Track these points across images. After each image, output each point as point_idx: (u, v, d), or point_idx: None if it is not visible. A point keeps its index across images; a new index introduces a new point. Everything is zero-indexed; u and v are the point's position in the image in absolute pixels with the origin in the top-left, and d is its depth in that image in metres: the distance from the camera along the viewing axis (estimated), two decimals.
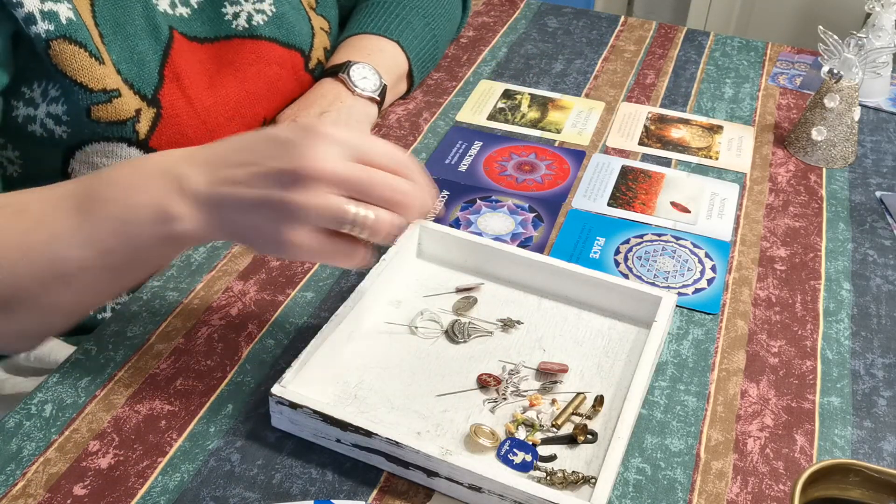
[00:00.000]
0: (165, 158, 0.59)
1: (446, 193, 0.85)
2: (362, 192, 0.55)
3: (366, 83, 0.90)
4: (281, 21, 0.87)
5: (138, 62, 0.74)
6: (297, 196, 0.54)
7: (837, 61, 0.90)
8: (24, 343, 0.68)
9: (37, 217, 0.59)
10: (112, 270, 0.59)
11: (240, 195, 0.55)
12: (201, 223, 0.56)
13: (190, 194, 0.56)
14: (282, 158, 0.54)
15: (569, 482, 0.56)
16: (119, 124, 0.74)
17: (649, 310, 0.68)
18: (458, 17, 1.08)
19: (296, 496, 0.57)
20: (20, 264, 0.58)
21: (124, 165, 0.60)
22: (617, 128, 0.97)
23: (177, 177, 0.56)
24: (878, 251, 0.81)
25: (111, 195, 0.58)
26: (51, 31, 0.68)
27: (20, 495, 0.56)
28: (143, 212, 0.57)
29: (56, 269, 0.58)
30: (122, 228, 0.57)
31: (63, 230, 0.58)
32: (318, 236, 0.55)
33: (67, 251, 0.58)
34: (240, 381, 0.65)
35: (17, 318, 0.61)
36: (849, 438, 0.62)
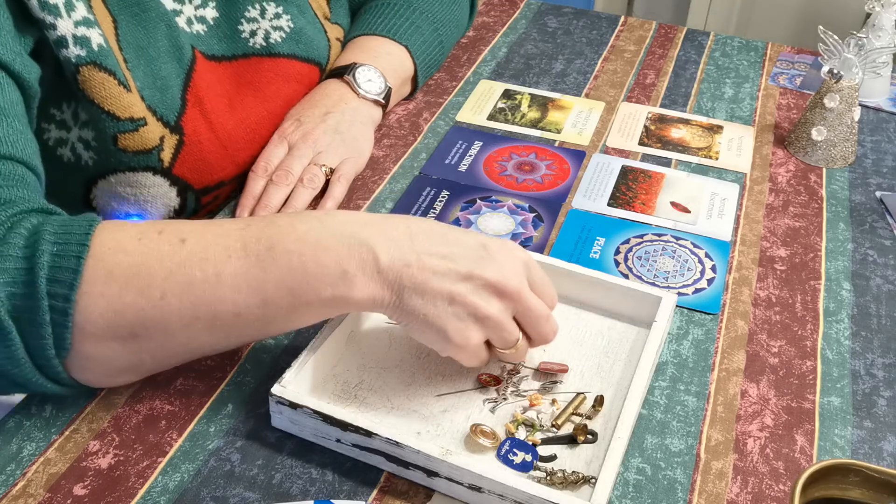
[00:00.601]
0: (357, 223, 0.58)
1: (446, 193, 0.85)
2: (531, 324, 0.61)
3: (370, 86, 0.90)
4: (299, 36, 0.86)
5: (161, 88, 0.73)
6: (490, 307, 0.58)
7: (837, 61, 0.90)
8: (123, 377, 0.61)
9: (200, 252, 0.56)
10: (264, 321, 0.58)
11: (434, 285, 0.57)
12: (376, 295, 0.57)
13: (378, 267, 0.56)
14: (486, 267, 0.58)
15: (569, 482, 0.56)
16: (145, 153, 0.73)
17: (649, 310, 0.68)
18: (465, 24, 1.08)
19: (296, 496, 0.57)
20: (171, 297, 0.55)
21: (309, 219, 0.58)
22: (617, 128, 0.97)
23: (369, 247, 0.56)
24: (878, 251, 0.81)
25: (295, 248, 0.56)
26: (82, 56, 0.66)
27: (20, 495, 0.56)
28: (326, 272, 0.56)
29: (209, 310, 0.56)
30: (297, 283, 0.56)
31: (229, 271, 0.56)
32: (480, 341, 0.59)
33: (228, 293, 0.56)
34: (240, 381, 0.65)
35: (139, 351, 0.58)
36: (849, 438, 0.62)
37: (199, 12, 0.79)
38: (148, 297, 0.55)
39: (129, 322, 0.56)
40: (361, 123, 0.88)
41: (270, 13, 0.84)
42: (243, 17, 0.82)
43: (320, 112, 0.86)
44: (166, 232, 0.57)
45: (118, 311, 0.55)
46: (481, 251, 0.59)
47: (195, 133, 0.76)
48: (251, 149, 0.83)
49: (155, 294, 0.55)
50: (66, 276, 0.54)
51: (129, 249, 0.56)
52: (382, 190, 0.86)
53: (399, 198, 0.84)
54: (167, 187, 0.76)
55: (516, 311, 0.59)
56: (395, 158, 0.90)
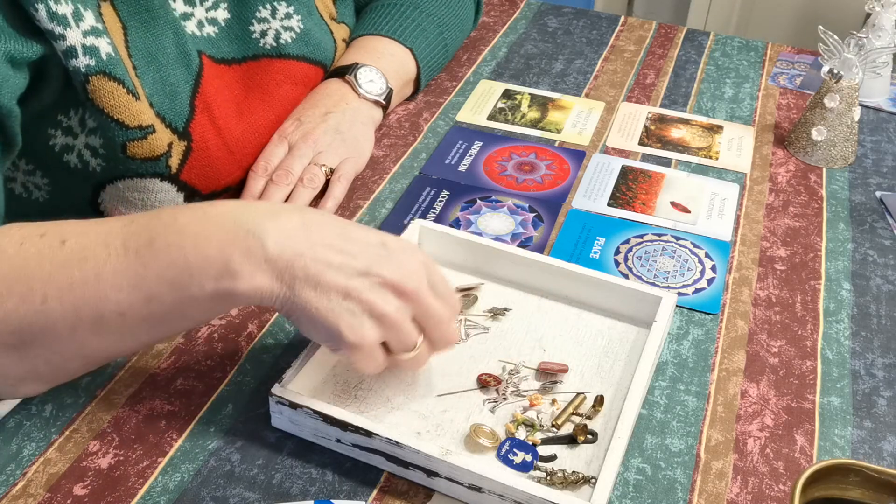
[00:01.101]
0: (245, 212, 0.56)
1: (446, 193, 0.85)
2: (432, 326, 0.58)
3: (372, 86, 0.90)
4: (308, 37, 0.86)
5: (170, 94, 0.73)
6: (388, 305, 0.55)
7: (837, 61, 0.90)
8: (26, 386, 0.60)
9: (79, 252, 0.55)
10: (151, 320, 0.56)
11: (328, 277, 0.54)
12: (264, 287, 0.54)
13: (265, 257, 0.54)
14: (385, 265, 0.56)
15: (569, 482, 0.56)
16: (153, 160, 0.73)
17: (649, 310, 0.68)
18: (470, 26, 1.08)
19: (296, 496, 0.57)
20: (52, 300, 0.54)
21: (192, 211, 0.56)
22: (617, 128, 0.97)
23: (256, 236, 0.54)
24: (878, 251, 0.81)
25: (175, 241, 0.54)
26: (91, 66, 0.66)
27: (20, 495, 0.56)
28: (208, 263, 0.54)
29: (92, 311, 0.54)
30: (178, 277, 0.54)
31: (108, 270, 0.54)
32: (375, 341, 0.56)
33: (110, 292, 0.54)
34: (240, 381, 0.65)
35: (31, 358, 0.57)
36: (849, 438, 0.62)
37: (211, 14, 0.79)
38: (30, 301, 0.54)
39: (14, 329, 0.54)
40: (362, 123, 0.88)
41: (281, 13, 0.84)
42: (254, 18, 0.82)
43: (321, 112, 0.86)
44: (48, 234, 0.56)
45: (2, 319, 0.54)
46: (380, 249, 0.57)
47: (203, 139, 0.76)
48: (258, 154, 0.83)
49: (36, 298, 0.54)
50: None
51: (10, 254, 0.55)
52: (382, 190, 0.86)
53: (399, 198, 0.84)
54: (174, 193, 0.77)
55: (416, 313, 0.57)
56: (395, 158, 0.90)
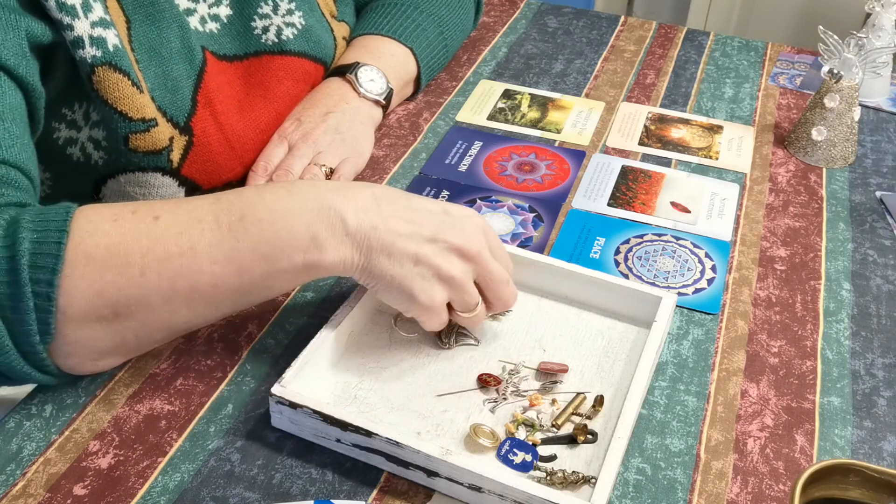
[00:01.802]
0: (323, 190, 0.60)
1: (446, 193, 0.85)
2: (492, 288, 0.64)
3: (372, 86, 0.90)
4: (309, 34, 0.86)
5: (172, 89, 0.74)
6: (454, 268, 0.61)
7: (837, 61, 0.90)
8: (108, 360, 0.62)
9: (174, 227, 0.58)
10: (241, 291, 0.60)
11: (401, 246, 0.59)
12: (346, 258, 0.59)
13: (346, 230, 0.59)
14: (449, 231, 0.61)
15: (569, 482, 0.56)
16: (155, 154, 0.73)
17: (649, 310, 0.68)
18: (470, 26, 1.08)
19: (296, 496, 0.57)
20: (150, 272, 0.57)
21: (276, 189, 0.60)
22: (617, 128, 0.97)
23: (337, 211, 0.59)
24: (878, 251, 0.81)
25: (266, 216, 0.58)
26: (97, 57, 0.66)
27: (20, 495, 0.56)
28: (297, 237, 0.58)
29: (187, 283, 0.58)
30: (271, 251, 0.58)
31: (203, 243, 0.57)
32: (444, 302, 0.62)
33: (205, 265, 0.57)
34: (240, 381, 0.65)
35: (122, 331, 0.59)
36: (849, 438, 0.62)
37: (213, 10, 0.79)
38: (127, 274, 0.56)
39: (110, 301, 0.57)
40: (362, 123, 0.88)
41: (283, 9, 0.84)
42: (256, 14, 0.82)
43: (321, 112, 0.86)
44: (140, 211, 0.59)
45: (99, 292, 0.56)
46: (444, 216, 0.62)
47: (204, 134, 0.76)
48: (259, 150, 0.83)
49: (134, 271, 0.56)
50: (48, 261, 0.54)
51: (106, 231, 0.57)
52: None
53: None
54: (175, 187, 0.77)
55: (477, 275, 0.62)
56: (395, 158, 0.90)
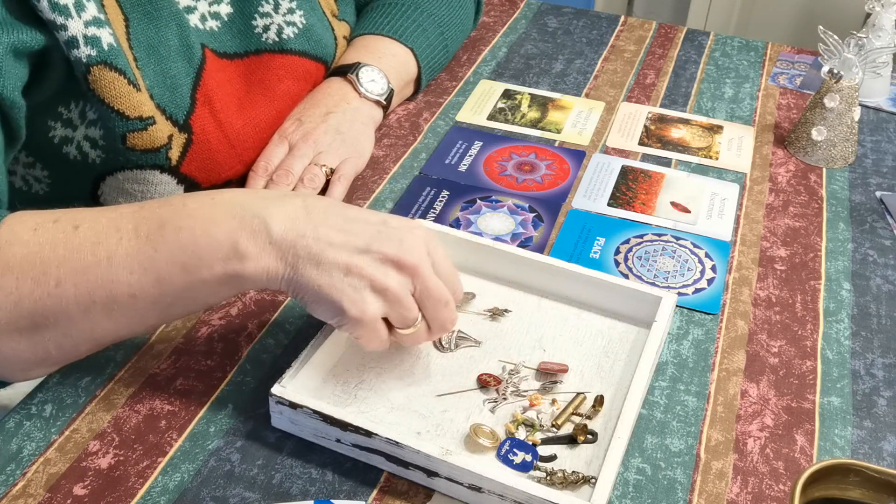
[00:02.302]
0: (251, 197, 0.59)
1: (446, 193, 0.85)
2: (430, 307, 0.60)
3: (373, 86, 0.90)
4: (310, 33, 0.86)
5: (171, 86, 0.73)
6: (389, 279, 0.57)
7: (837, 61, 0.90)
8: (36, 370, 0.61)
9: (91, 236, 0.56)
10: (162, 303, 0.58)
11: (330, 255, 0.57)
12: (270, 268, 0.57)
13: (270, 239, 0.56)
14: (385, 242, 0.58)
15: (569, 482, 0.57)
16: (153, 152, 0.73)
17: (649, 310, 0.68)
18: (470, 26, 1.08)
19: (296, 496, 0.57)
20: (66, 283, 0.56)
21: (200, 197, 0.59)
22: (617, 128, 0.97)
23: (262, 218, 0.57)
24: (878, 251, 0.81)
25: (185, 224, 0.56)
26: (92, 56, 0.66)
27: (20, 495, 0.56)
28: (216, 246, 0.56)
29: (105, 294, 0.56)
30: (189, 259, 0.56)
31: (120, 253, 0.56)
32: (377, 315, 0.58)
33: (122, 275, 0.56)
34: (240, 381, 0.65)
35: (43, 342, 0.58)
36: (849, 438, 0.62)
37: (214, 8, 0.79)
38: (44, 285, 0.56)
39: (28, 312, 0.56)
40: (362, 123, 0.88)
41: (284, 8, 0.84)
42: (257, 13, 0.82)
43: (321, 112, 0.86)
44: (62, 220, 0.57)
45: (16, 302, 0.56)
46: (381, 226, 0.59)
47: (203, 132, 0.76)
48: (258, 148, 0.83)
49: (50, 282, 0.56)
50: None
51: (25, 240, 0.56)
52: (382, 190, 0.86)
53: (399, 198, 0.84)
54: (174, 185, 0.77)
55: (416, 290, 0.59)
56: (395, 158, 0.90)
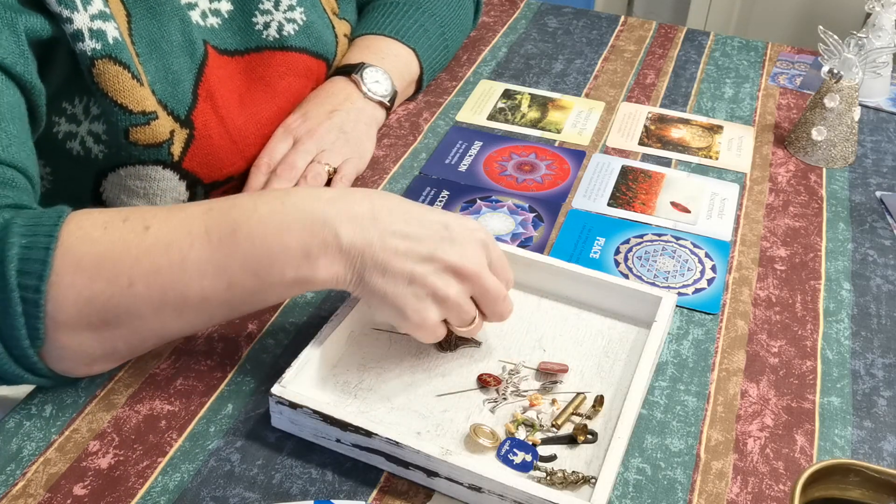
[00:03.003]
0: (319, 203, 0.58)
1: (446, 193, 0.85)
2: (488, 304, 0.62)
3: (377, 87, 0.90)
4: (310, 30, 0.87)
5: (173, 82, 0.74)
6: (450, 289, 0.59)
7: (837, 61, 0.90)
8: (99, 365, 0.62)
9: (163, 237, 0.57)
10: (232, 303, 0.59)
11: (395, 265, 0.58)
12: (339, 275, 0.58)
13: (339, 247, 0.57)
14: (448, 249, 0.59)
15: (569, 482, 0.56)
16: (155, 147, 0.73)
17: (649, 310, 0.68)
18: (470, 26, 1.08)
19: (296, 496, 0.57)
20: (139, 284, 0.56)
21: (271, 200, 0.59)
22: (617, 128, 0.97)
23: (332, 228, 0.57)
24: (878, 251, 0.81)
25: (258, 231, 0.57)
26: (97, 49, 0.66)
27: (20, 495, 0.56)
28: (288, 253, 0.57)
29: (177, 295, 0.57)
30: (261, 267, 0.57)
31: (193, 256, 0.57)
32: (437, 321, 0.60)
33: (194, 278, 0.57)
34: (240, 381, 0.65)
35: (110, 338, 0.59)
36: (849, 438, 0.62)
37: (214, 5, 0.80)
38: (117, 284, 0.56)
39: (99, 310, 0.57)
40: (365, 124, 0.88)
41: (284, 5, 0.84)
42: (257, 10, 0.82)
43: (326, 109, 0.86)
44: (131, 219, 0.58)
45: (88, 300, 0.56)
46: (443, 231, 0.60)
47: (205, 128, 0.77)
48: (260, 144, 0.83)
49: (123, 282, 0.56)
50: (36, 267, 0.54)
51: (95, 238, 0.57)
52: (382, 190, 0.86)
53: None
54: (176, 181, 0.77)
55: (474, 292, 0.61)
56: (395, 158, 0.90)
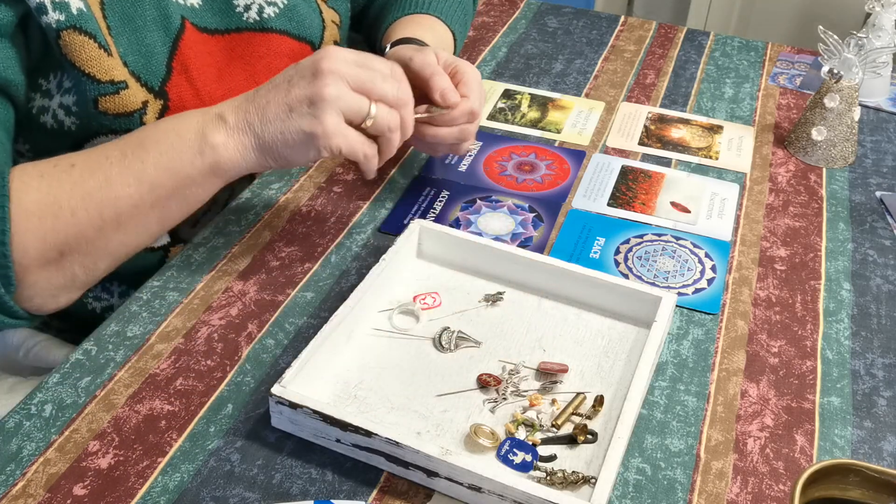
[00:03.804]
0: (205, 107, 0.69)
1: (446, 193, 0.85)
2: (376, 90, 0.68)
3: None
4: (292, 13, 0.87)
5: (145, 54, 0.75)
6: (324, 88, 0.65)
7: (837, 61, 0.90)
8: (61, 295, 0.69)
9: (87, 168, 0.66)
10: (160, 206, 0.67)
11: (272, 106, 0.66)
12: (240, 144, 0.66)
13: (226, 123, 0.66)
14: (303, 69, 0.67)
15: (569, 482, 0.56)
16: (126, 116, 0.74)
17: (649, 310, 0.68)
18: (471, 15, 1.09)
19: (296, 496, 0.57)
20: (79, 210, 0.65)
21: (170, 117, 0.69)
22: (617, 128, 0.97)
23: (216, 113, 0.67)
24: (878, 251, 0.81)
25: (159, 136, 0.67)
26: (61, 21, 0.68)
27: (20, 495, 0.56)
28: (187, 142, 0.66)
29: (112, 210, 0.65)
30: (169, 162, 0.66)
31: (115, 173, 0.66)
32: (338, 123, 0.66)
33: (120, 190, 0.65)
34: (240, 381, 0.65)
35: (69, 266, 0.66)
36: (849, 438, 0.62)
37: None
38: (61, 217, 0.65)
39: (54, 244, 0.65)
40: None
41: None
42: None
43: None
44: (59, 163, 0.67)
45: (42, 238, 0.65)
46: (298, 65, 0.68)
47: (180, 99, 0.78)
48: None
49: (66, 213, 0.65)
50: None
51: (35, 186, 0.65)
52: (382, 190, 0.86)
53: (399, 198, 0.84)
54: None
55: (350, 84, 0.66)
56: (395, 158, 0.90)
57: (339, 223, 0.81)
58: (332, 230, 0.80)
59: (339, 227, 0.81)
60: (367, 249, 0.78)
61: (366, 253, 0.77)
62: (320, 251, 0.78)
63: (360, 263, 0.76)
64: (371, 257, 0.77)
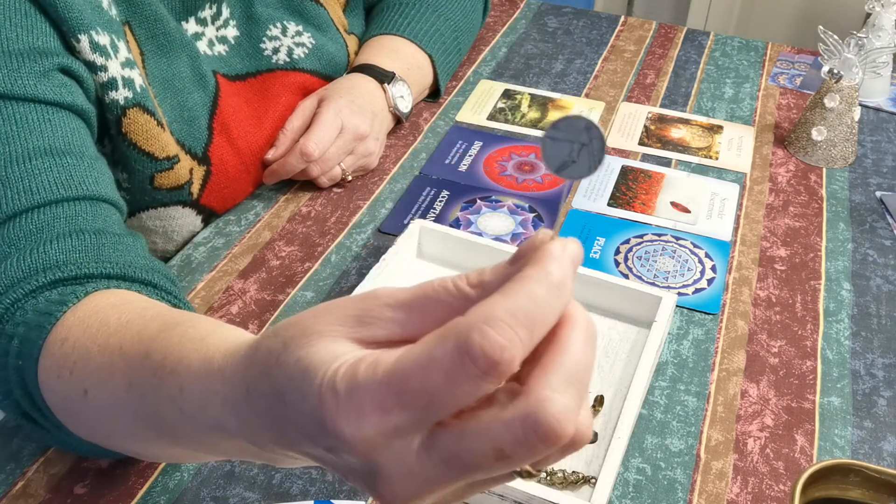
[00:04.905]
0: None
1: (446, 193, 0.85)
2: None
3: (401, 103, 0.91)
4: (321, 52, 0.88)
5: (188, 119, 0.73)
6: None
7: (837, 61, 0.90)
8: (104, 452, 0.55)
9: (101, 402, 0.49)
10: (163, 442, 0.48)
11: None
12: None
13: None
14: None
15: (569, 482, 0.56)
16: (178, 189, 0.73)
17: (649, 310, 0.68)
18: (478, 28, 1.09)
19: (296, 496, 0.57)
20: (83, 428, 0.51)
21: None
22: (617, 128, 0.97)
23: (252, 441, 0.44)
24: (878, 251, 0.81)
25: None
26: (129, 98, 0.65)
27: (20, 495, 0.56)
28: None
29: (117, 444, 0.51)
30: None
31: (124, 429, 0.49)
32: None
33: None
34: None
35: None
36: (849, 438, 0.62)
37: (221, 32, 0.79)
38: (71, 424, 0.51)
39: None
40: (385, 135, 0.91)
41: (291, 31, 0.85)
42: (265, 36, 0.83)
43: (370, 111, 0.86)
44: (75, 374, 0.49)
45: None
46: None
47: (221, 162, 0.77)
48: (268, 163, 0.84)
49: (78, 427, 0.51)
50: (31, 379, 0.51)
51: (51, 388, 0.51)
52: (382, 190, 0.86)
53: (399, 198, 0.84)
54: (194, 216, 0.77)
55: None
56: (395, 158, 0.90)
57: (339, 223, 0.81)
58: (332, 230, 0.80)
59: (339, 227, 0.81)
60: (367, 249, 0.78)
61: (366, 253, 0.77)
62: (320, 251, 0.78)
63: (360, 263, 0.76)
64: (371, 257, 0.77)
